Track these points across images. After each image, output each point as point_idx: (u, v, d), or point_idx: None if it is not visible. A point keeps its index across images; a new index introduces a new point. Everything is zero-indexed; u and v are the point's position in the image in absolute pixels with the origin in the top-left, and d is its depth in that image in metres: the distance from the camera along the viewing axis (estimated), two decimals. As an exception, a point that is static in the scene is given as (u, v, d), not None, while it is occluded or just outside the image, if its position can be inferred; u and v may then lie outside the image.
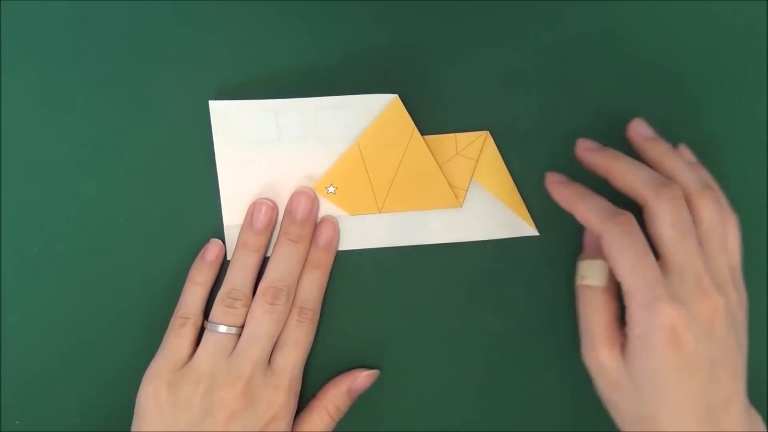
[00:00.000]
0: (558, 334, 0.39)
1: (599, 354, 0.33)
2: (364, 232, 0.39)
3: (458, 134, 0.38)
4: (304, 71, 0.38)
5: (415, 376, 0.39)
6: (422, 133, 0.38)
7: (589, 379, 0.38)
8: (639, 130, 0.37)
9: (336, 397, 0.38)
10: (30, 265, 0.38)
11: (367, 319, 0.39)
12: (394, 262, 0.39)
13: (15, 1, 0.38)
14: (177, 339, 0.36)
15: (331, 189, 0.38)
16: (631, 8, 0.39)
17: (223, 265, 0.38)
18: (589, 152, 0.36)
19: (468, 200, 0.39)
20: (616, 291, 0.34)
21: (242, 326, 0.36)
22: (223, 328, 0.36)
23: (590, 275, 0.35)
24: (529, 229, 0.39)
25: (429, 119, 0.38)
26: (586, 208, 0.34)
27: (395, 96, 0.38)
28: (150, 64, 0.38)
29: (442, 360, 0.39)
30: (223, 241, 0.38)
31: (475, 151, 0.38)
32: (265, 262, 0.38)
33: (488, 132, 0.38)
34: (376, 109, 0.38)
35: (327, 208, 0.38)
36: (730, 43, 0.39)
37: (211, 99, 0.37)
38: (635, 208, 0.34)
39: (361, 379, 0.38)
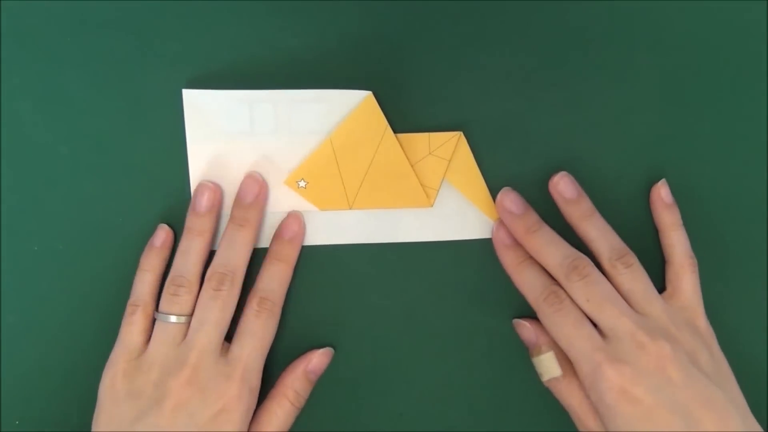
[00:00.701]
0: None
1: (590, 427, 0.36)
2: (334, 227, 0.38)
3: (431, 134, 0.38)
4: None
5: (409, 376, 0.39)
6: (395, 131, 0.38)
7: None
8: (561, 189, 0.37)
9: (293, 381, 0.37)
10: (30, 265, 0.38)
11: (357, 317, 0.39)
12: (383, 259, 0.39)
13: (15, 1, 0.38)
14: (128, 327, 0.36)
15: (302, 183, 0.38)
16: (630, 8, 0.39)
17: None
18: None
19: (439, 200, 0.38)
20: (575, 375, 0.36)
21: (191, 314, 0.36)
22: (171, 318, 0.36)
23: (545, 371, 0.37)
24: None
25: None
26: (522, 282, 0.37)
27: (369, 93, 0.38)
28: (150, 64, 0.38)
29: (433, 359, 0.39)
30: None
31: (447, 152, 0.38)
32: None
33: (461, 132, 0.38)
34: (350, 105, 0.38)
35: (297, 202, 0.38)
36: (730, 43, 0.39)
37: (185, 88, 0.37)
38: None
39: (317, 358, 0.38)
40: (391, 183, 0.38)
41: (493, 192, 0.38)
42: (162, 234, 0.38)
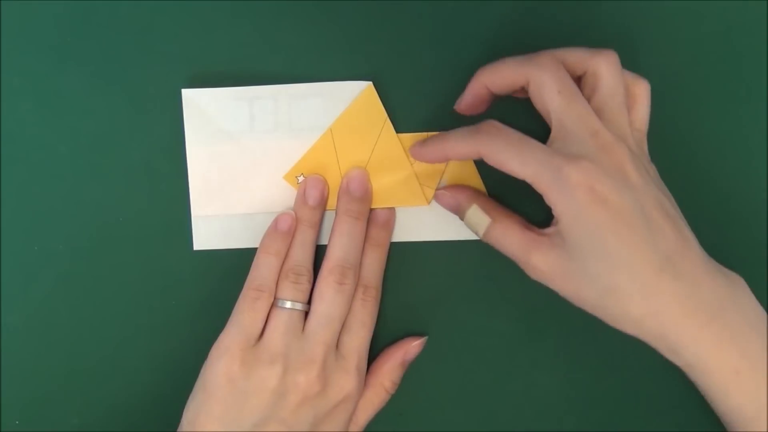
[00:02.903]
0: (554, 335, 0.39)
1: (534, 264, 0.33)
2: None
3: (431, 134, 0.38)
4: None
5: (410, 376, 0.39)
6: (396, 131, 0.38)
7: (588, 380, 0.38)
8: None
9: (391, 371, 0.37)
10: (30, 265, 0.38)
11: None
12: (391, 258, 0.39)
13: (15, 1, 0.38)
14: (251, 313, 0.35)
15: (302, 178, 0.38)
16: (630, 8, 0.39)
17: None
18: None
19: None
20: (507, 211, 0.35)
21: (307, 302, 0.36)
22: (289, 304, 0.35)
23: (477, 224, 0.35)
24: None
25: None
26: (452, 144, 0.34)
27: (369, 83, 0.38)
28: (150, 64, 0.38)
29: (433, 359, 0.39)
30: (191, 233, 0.38)
31: None
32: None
33: None
34: (351, 97, 0.38)
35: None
36: (730, 43, 0.39)
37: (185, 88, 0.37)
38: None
39: (413, 348, 0.38)
40: (390, 179, 0.38)
41: (493, 193, 0.38)
42: (289, 219, 0.37)
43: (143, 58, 0.38)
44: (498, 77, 0.34)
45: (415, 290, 0.39)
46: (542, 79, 0.32)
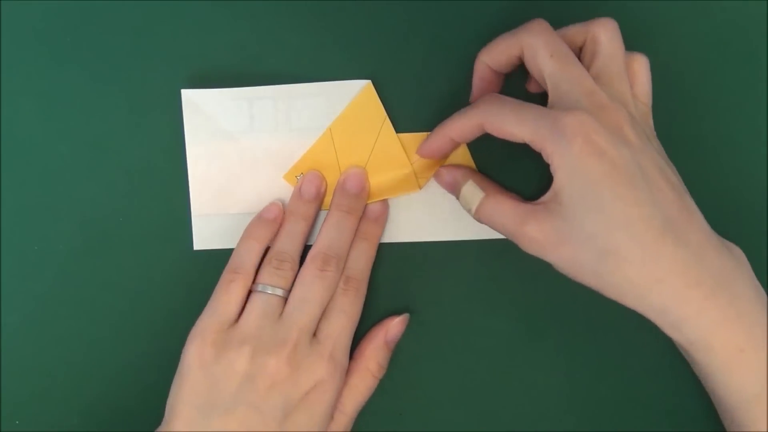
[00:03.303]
0: (554, 335, 0.39)
1: (528, 233, 0.32)
2: None
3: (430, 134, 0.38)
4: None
5: (410, 376, 0.39)
6: (396, 131, 0.38)
7: (588, 380, 0.38)
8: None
9: (375, 353, 0.37)
10: (30, 265, 0.38)
11: (362, 317, 0.39)
12: (382, 259, 0.39)
13: (15, 1, 0.38)
14: (225, 296, 0.35)
15: (301, 177, 0.38)
16: (629, 8, 0.39)
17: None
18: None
19: (438, 200, 0.38)
20: (501, 188, 0.35)
21: (289, 290, 0.35)
22: (269, 289, 0.35)
23: (471, 200, 0.35)
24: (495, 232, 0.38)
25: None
26: (453, 124, 0.34)
27: (368, 82, 0.38)
28: (149, 64, 0.38)
29: (433, 359, 0.39)
30: (191, 233, 0.38)
31: None
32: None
33: None
34: (350, 96, 0.38)
35: None
36: (730, 43, 0.39)
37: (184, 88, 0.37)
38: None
39: (395, 326, 0.37)
40: (389, 177, 0.38)
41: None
42: (275, 209, 0.37)
43: (143, 58, 0.38)
44: (495, 53, 0.34)
45: (415, 290, 0.39)
46: (534, 44, 0.32)
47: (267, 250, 0.37)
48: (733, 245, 0.33)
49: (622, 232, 0.30)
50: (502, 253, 0.39)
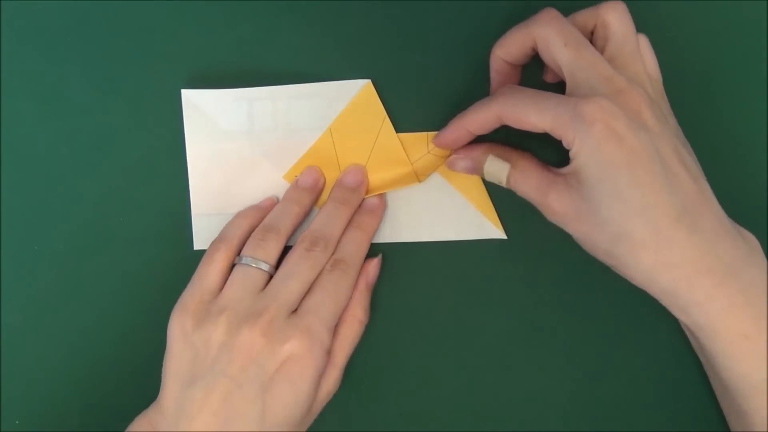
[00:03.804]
0: (554, 335, 0.39)
1: (549, 204, 0.33)
2: None
3: (430, 133, 0.38)
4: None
5: (410, 376, 0.39)
6: (396, 131, 0.38)
7: (588, 380, 0.38)
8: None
9: (359, 299, 0.36)
10: (30, 265, 0.38)
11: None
12: (382, 259, 0.39)
13: (15, 1, 0.38)
14: (206, 267, 0.35)
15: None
16: (629, 8, 0.39)
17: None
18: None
19: (438, 201, 0.38)
20: (523, 153, 0.35)
21: (275, 268, 0.35)
22: (252, 262, 0.34)
23: (497, 173, 0.35)
24: (496, 232, 0.38)
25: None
26: (471, 116, 0.34)
27: (368, 81, 0.38)
28: (149, 64, 0.38)
29: (433, 359, 0.39)
30: (192, 232, 0.38)
31: (446, 150, 0.38)
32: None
33: None
34: (349, 96, 0.38)
35: None
36: (730, 43, 0.39)
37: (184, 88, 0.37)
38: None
39: (373, 268, 0.37)
40: (389, 176, 0.38)
41: (493, 193, 0.38)
42: (270, 201, 0.38)
43: (143, 58, 0.38)
44: (509, 46, 0.34)
45: (415, 290, 0.39)
46: (547, 34, 0.32)
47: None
48: (746, 232, 0.33)
49: (638, 217, 0.30)
50: (502, 253, 0.39)
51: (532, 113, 0.31)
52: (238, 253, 0.36)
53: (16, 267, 0.38)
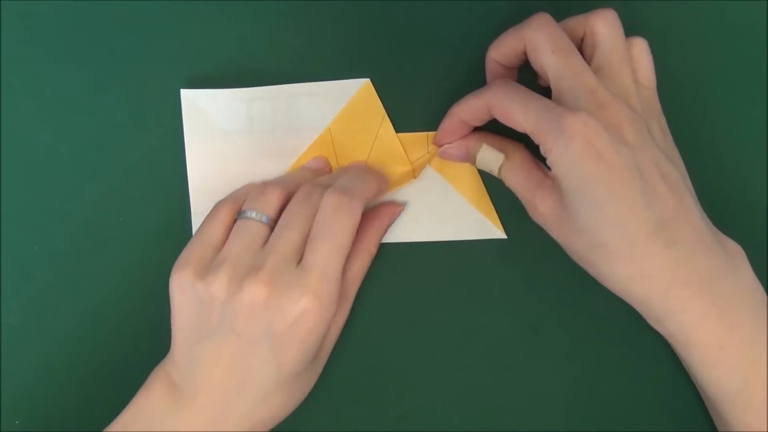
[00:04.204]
0: (554, 335, 0.39)
1: (535, 205, 0.33)
2: None
3: (430, 133, 0.38)
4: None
5: (409, 376, 0.39)
6: (395, 130, 0.38)
7: (588, 380, 0.38)
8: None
9: (374, 236, 0.36)
10: (30, 265, 0.38)
11: (356, 317, 0.39)
12: (382, 259, 0.39)
13: (15, 1, 0.38)
14: (210, 221, 0.34)
15: None
16: (629, 8, 0.39)
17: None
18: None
19: (438, 201, 0.38)
20: (518, 145, 0.35)
21: (275, 219, 0.34)
22: (253, 214, 0.34)
23: (491, 163, 0.35)
24: (496, 232, 0.38)
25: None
26: (463, 105, 0.34)
27: (367, 80, 0.38)
28: (149, 64, 0.38)
29: (433, 359, 0.39)
30: (191, 232, 0.38)
31: None
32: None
33: None
34: (348, 95, 0.38)
35: None
36: (730, 43, 0.39)
37: (183, 88, 0.37)
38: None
39: (396, 210, 0.37)
40: (387, 172, 0.38)
41: (493, 193, 0.38)
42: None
43: (143, 58, 0.38)
44: (502, 48, 0.34)
45: (415, 290, 0.39)
46: (536, 39, 0.32)
47: None
48: (730, 241, 0.33)
49: (614, 229, 0.30)
50: (502, 253, 0.39)
51: (518, 112, 0.32)
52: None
53: (16, 267, 0.38)
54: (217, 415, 0.32)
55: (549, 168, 0.32)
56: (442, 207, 0.38)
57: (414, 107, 0.38)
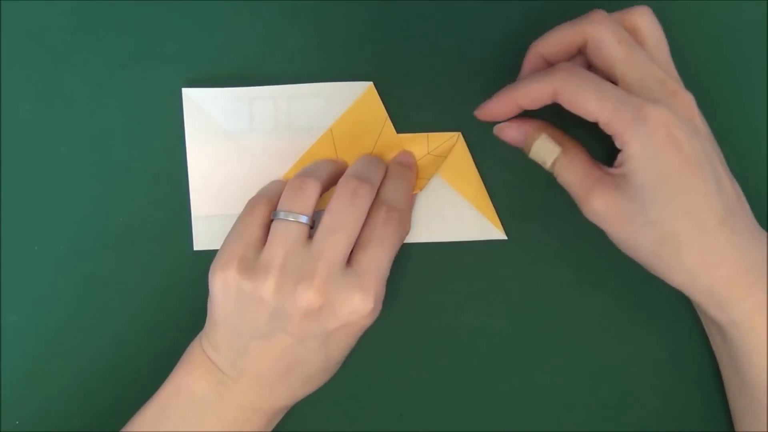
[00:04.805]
0: (554, 335, 0.39)
1: (592, 203, 0.32)
2: None
3: (430, 134, 0.38)
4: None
5: (409, 376, 0.39)
6: (396, 132, 0.38)
7: (588, 380, 0.38)
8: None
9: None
10: (30, 265, 0.38)
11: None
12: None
13: (15, 1, 0.38)
14: (248, 218, 0.34)
15: None
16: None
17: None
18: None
19: (437, 201, 0.38)
20: (575, 142, 0.34)
21: (312, 217, 0.34)
22: (290, 216, 0.33)
23: (545, 154, 0.34)
24: (496, 232, 0.38)
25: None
26: (524, 89, 0.33)
27: (370, 83, 0.38)
28: (150, 64, 0.38)
29: (433, 359, 0.39)
30: (191, 233, 0.38)
31: (446, 152, 0.38)
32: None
33: (460, 133, 0.38)
34: (351, 98, 0.38)
35: None
36: (730, 43, 0.39)
37: (185, 87, 0.37)
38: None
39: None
40: None
41: (492, 193, 0.38)
42: None
43: (143, 58, 0.38)
44: (553, 43, 0.34)
45: (415, 291, 0.39)
46: (600, 33, 0.32)
47: None
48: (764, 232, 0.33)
49: (687, 219, 0.31)
50: (502, 254, 0.39)
51: (592, 99, 0.31)
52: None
53: (16, 267, 0.38)
54: (258, 396, 0.34)
55: (615, 158, 0.32)
56: (443, 208, 0.38)
57: (414, 107, 0.38)
